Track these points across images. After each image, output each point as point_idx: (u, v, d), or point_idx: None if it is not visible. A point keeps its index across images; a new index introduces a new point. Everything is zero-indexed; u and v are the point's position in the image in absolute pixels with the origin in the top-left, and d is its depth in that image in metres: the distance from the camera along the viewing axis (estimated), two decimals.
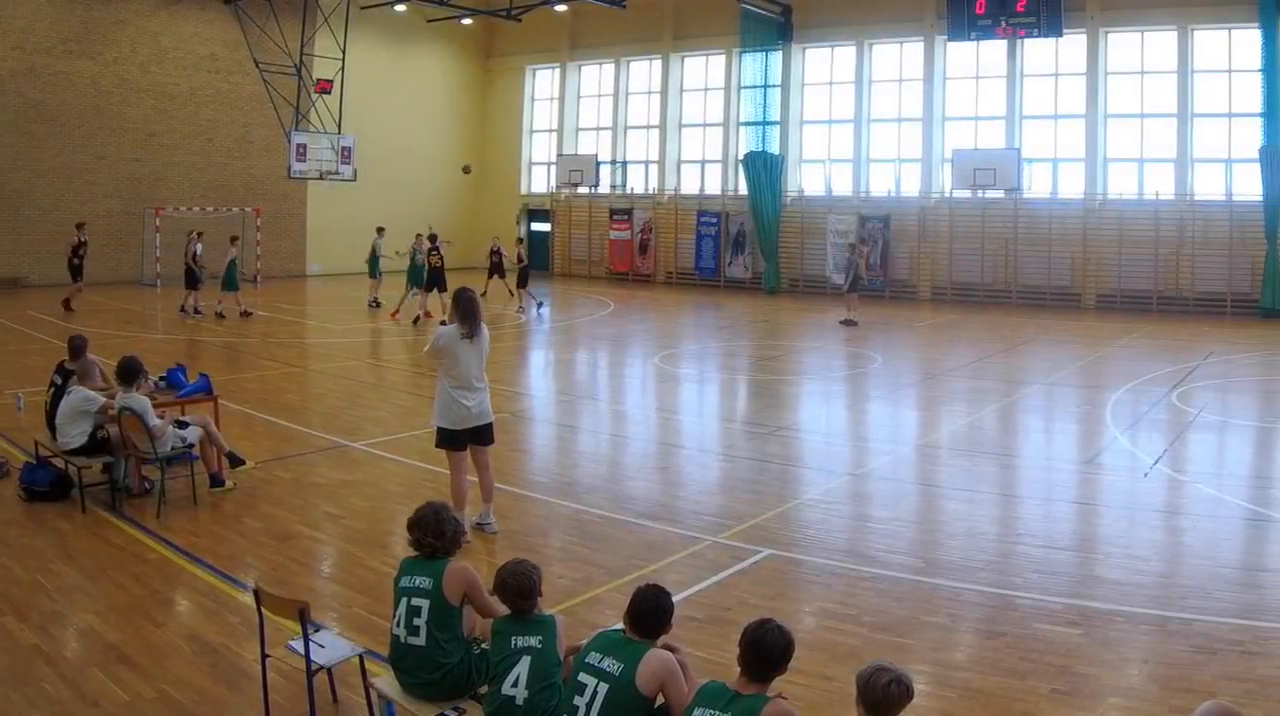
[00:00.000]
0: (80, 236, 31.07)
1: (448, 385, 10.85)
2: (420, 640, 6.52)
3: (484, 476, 11.26)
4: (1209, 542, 11.25)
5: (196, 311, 29.88)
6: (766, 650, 5.25)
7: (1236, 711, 4.51)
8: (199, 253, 30.67)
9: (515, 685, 5.98)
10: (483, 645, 6.72)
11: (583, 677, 5.65)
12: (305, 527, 11.43)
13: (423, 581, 6.65)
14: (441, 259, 29.88)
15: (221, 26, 40.95)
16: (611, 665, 5.61)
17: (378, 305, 32.44)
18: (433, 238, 30.07)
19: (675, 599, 8.84)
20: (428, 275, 30.02)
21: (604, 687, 5.55)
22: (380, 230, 34.47)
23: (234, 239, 31.33)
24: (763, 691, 5.25)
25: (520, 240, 37.13)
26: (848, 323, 30.95)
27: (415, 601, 6.61)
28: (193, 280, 30.33)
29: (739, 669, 5.33)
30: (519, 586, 6.23)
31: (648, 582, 6.07)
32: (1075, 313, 35.14)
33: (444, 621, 6.58)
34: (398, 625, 6.64)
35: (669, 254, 45.65)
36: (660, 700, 5.64)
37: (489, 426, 11.15)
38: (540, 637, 6.08)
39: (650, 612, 5.82)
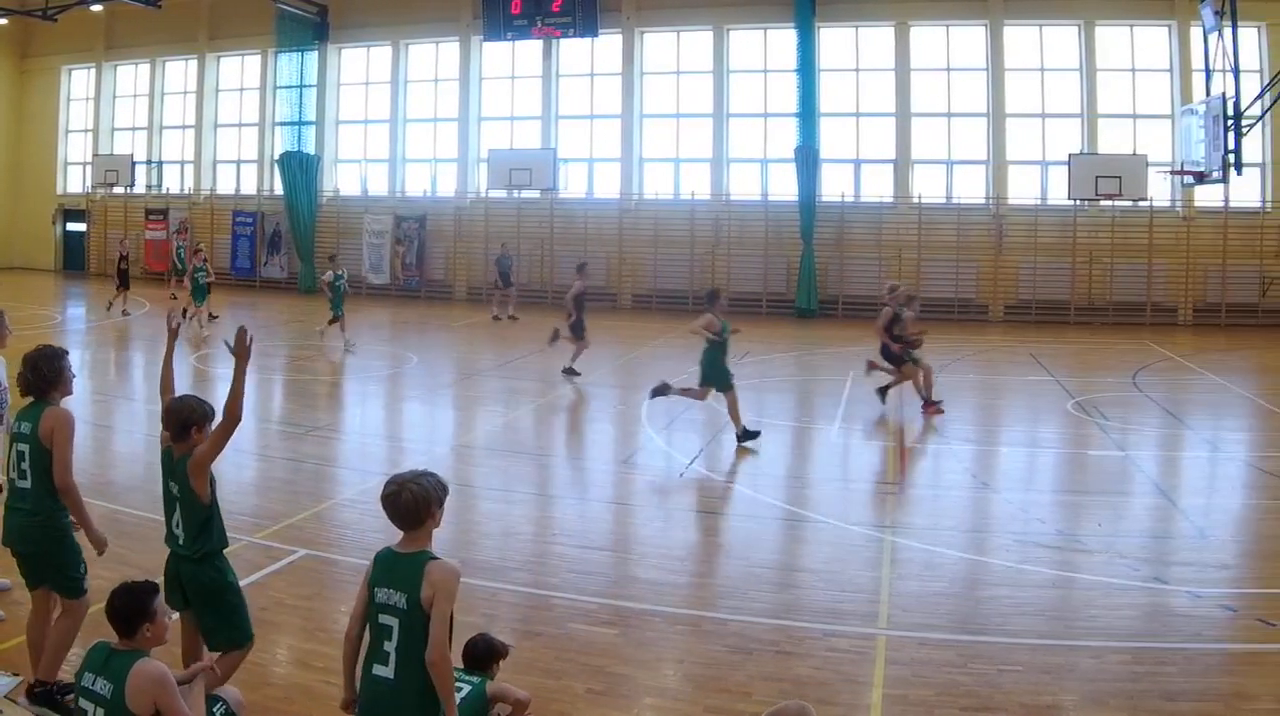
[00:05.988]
0: None
1: None
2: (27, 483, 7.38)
3: None
4: (745, 542, 11.74)
5: None
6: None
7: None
8: None
9: None
10: None
11: (82, 704, 5.52)
12: None
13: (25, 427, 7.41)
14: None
15: None
16: (104, 687, 5.44)
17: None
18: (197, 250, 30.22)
19: None
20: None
21: (101, 713, 5.42)
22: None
23: None
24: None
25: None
26: (497, 318, 32.70)
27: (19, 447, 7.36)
28: None
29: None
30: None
31: (122, 582, 5.79)
32: (611, 313, 36.22)
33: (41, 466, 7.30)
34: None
35: (206, 254, 44.17)
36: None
37: None
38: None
39: (120, 614, 5.61)
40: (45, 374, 7.60)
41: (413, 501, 5.64)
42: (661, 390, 16.69)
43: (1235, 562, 11.02)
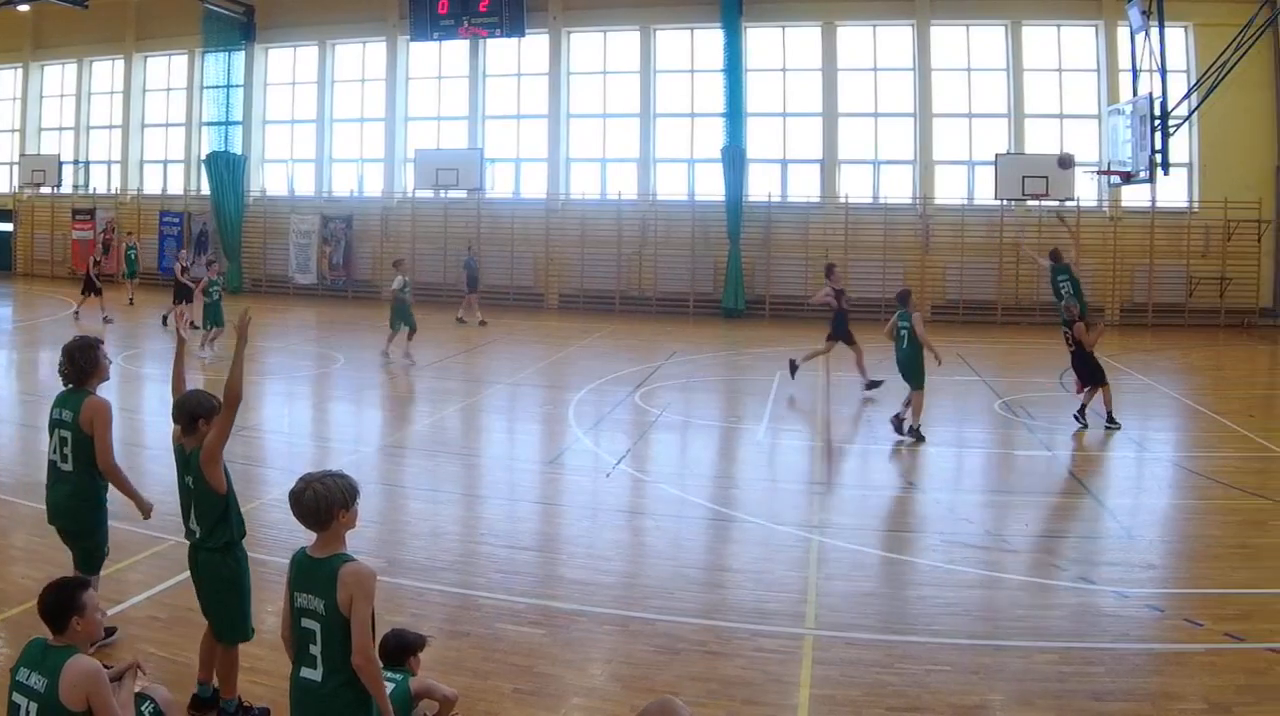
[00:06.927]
0: None
1: None
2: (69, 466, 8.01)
3: None
4: (672, 543, 11.78)
5: None
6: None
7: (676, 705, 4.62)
8: None
9: None
10: None
11: (15, 698, 5.52)
12: None
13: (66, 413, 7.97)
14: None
15: None
16: (38, 681, 5.46)
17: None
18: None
19: (138, 599, 8.82)
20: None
21: (35, 707, 5.45)
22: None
23: None
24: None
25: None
26: (462, 321, 32.34)
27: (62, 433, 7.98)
28: None
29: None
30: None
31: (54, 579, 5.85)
32: (538, 312, 36.41)
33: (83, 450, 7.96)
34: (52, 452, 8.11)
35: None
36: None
37: None
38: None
39: (50, 609, 5.61)
40: (81, 363, 8.15)
41: (315, 500, 5.69)
42: (915, 435, 16.69)
43: (1162, 562, 11.14)
